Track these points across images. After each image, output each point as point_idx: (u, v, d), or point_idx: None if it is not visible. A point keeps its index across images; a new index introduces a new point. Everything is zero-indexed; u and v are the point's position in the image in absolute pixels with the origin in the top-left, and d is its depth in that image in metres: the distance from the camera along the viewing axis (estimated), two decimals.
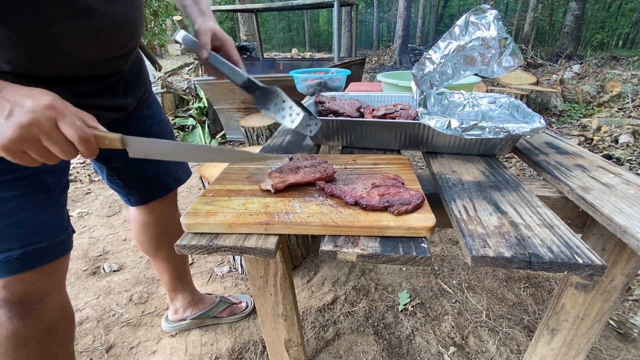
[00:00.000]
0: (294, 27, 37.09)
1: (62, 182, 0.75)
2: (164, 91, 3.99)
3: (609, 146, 3.01)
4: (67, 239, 0.76)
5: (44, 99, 0.49)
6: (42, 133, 0.48)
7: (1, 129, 0.47)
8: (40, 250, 0.69)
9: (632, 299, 1.41)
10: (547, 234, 0.50)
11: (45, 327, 0.77)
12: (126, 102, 0.82)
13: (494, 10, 0.81)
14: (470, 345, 1.24)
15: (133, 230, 1.12)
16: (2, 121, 0.47)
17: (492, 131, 0.74)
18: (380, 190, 0.59)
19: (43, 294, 0.75)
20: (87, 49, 0.64)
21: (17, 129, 0.47)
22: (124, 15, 0.67)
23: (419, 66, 0.92)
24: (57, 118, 0.49)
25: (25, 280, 0.70)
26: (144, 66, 0.91)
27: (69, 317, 0.85)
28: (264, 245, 0.52)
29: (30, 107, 0.47)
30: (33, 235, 0.68)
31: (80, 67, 0.66)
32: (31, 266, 0.69)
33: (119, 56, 0.73)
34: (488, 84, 4.59)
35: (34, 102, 0.48)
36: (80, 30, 0.61)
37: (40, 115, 0.48)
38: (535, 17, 13.55)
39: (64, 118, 0.50)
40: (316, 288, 1.55)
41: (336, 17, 3.65)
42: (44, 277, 0.73)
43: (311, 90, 1.35)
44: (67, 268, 0.81)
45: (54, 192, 0.72)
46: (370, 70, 9.81)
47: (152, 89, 0.97)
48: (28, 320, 0.73)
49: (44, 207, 0.69)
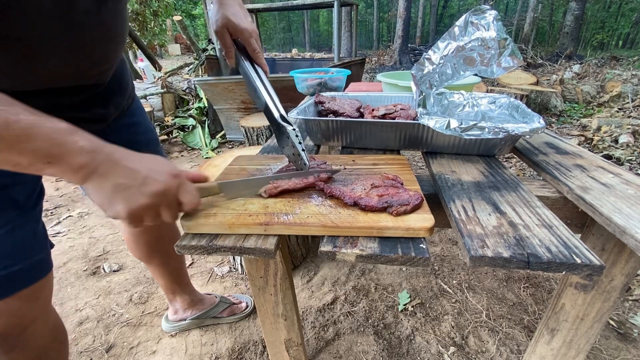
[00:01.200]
0: (294, 27, 37.09)
1: (35, 193, 0.67)
2: (164, 91, 3.99)
3: (608, 146, 3.01)
4: (45, 256, 0.69)
5: (169, 167, 0.51)
6: (166, 201, 0.50)
7: (135, 195, 0.48)
8: (14, 274, 0.62)
9: (632, 299, 1.41)
10: (546, 234, 0.50)
11: (34, 354, 0.72)
12: (106, 112, 0.74)
13: (494, 10, 0.81)
14: (470, 345, 1.24)
15: (124, 237, 1.08)
16: (135, 188, 0.48)
17: (491, 131, 0.74)
18: (379, 190, 0.59)
19: (26, 324, 0.68)
20: (67, 63, 0.59)
21: (149, 197, 0.48)
22: (106, 28, 0.62)
23: (418, 66, 0.92)
24: (180, 187, 0.52)
25: (2, 312, 0.63)
26: (126, 71, 0.82)
27: (60, 337, 0.80)
28: (264, 246, 0.52)
29: (163, 177, 0.49)
30: (4, 259, 0.61)
31: (59, 80, 0.61)
32: (6, 293, 0.62)
33: (102, 70, 0.67)
34: (488, 84, 4.59)
35: (163, 170, 0.50)
36: (60, 46, 0.56)
37: (169, 185, 0.50)
38: (535, 17, 13.54)
39: (185, 186, 0.52)
40: (316, 288, 1.55)
41: (336, 17, 3.66)
42: (26, 305, 0.67)
43: (311, 90, 1.35)
44: (51, 289, 0.74)
45: (25, 207, 0.64)
46: (370, 70, 9.81)
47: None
48: (15, 353, 0.68)
49: (14, 225, 0.62)
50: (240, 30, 0.69)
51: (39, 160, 0.43)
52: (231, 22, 0.68)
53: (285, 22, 35.75)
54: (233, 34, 0.70)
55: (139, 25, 7.39)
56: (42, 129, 0.42)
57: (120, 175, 0.47)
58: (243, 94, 3.21)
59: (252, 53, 0.71)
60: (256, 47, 0.71)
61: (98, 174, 0.46)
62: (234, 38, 0.71)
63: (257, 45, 0.71)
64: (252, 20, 0.73)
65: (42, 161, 0.43)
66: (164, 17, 8.35)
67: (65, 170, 0.45)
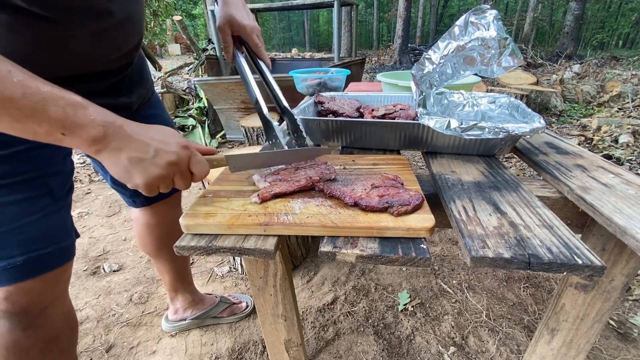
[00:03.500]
0: (294, 27, 37.09)
1: (67, 185, 0.73)
2: (164, 91, 3.99)
3: (609, 146, 3.01)
4: (72, 244, 0.74)
5: (179, 139, 0.54)
6: (178, 171, 0.54)
7: (149, 167, 0.51)
8: (45, 256, 0.67)
9: (632, 299, 1.41)
10: (547, 235, 0.50)
11: (48, 336, 0.75)
12: (130, 101, 0.80)
13: (494, 10, 0.80)
14: (470, 345, 1.24)
15: (136, 231, 1.11)
16: (149, 160, 0.51)
17: (491, 131, 0.74)
18: (379, 191, 0.59)
19: (46, 304, 0.72)
20: (92, 48, 0.63)
21: (163, 168, 0.51)
22: (128, 11, 0.66)
23: (418, 66, 0.92)
24: (191, 157, 0.55)
25: (28, 290, 0.67)
26: (146, 65, 0.90)
27: (72, 323, 0.83)
28: (263, 246, 0.52)
29: (173, 148, 0.52)
30: (37, 241, 0.66)
31: (85, 65, 0.65)
32: (35, 273, 0.66)
33: (124, 53, 0.72)
34: (488, 84, 4.59)
35: (173, 142, 0.53)
36: (88, 31, 0.60)
37: (180, 156, 0.53)
38: (535, 17, 13.55)
39: (195, 157, 0.55)
40: (316, 288, 1.55)
41: (336, 17, 3.66)
42: (48, 286, 0.71)
43: (311, 90, 1.35)
44: (70, 275, 0.78)
45: (58, 196, 0.69)
46: (370, 70, 9.80)
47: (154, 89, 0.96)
48: (30, 332, 0.71)
49: (48, 211, 0.67)
50: (243, 27, 0.74)
51: (56, 130, 0.45)
52: (234, 18, 0.73)
53: (285, 22, 35.75)
54: (235, 31, 0.74)
55: None
56: (58, 100, 0.45)
57: (134, 148, 0.50)
58: (243, 94, 3.20)
59: (255, 48, 0.76)
60: (258, 42, 0.76)
61: (111, 148, 0.49)
62: (235, 35, 0.75)
63: (259, 40, 0.76)
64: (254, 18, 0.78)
65: (58, 131, 0.46)
66: (164, 17, 8.36)
67: (80, 142, 0.47)
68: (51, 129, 0.45)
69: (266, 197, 0.61)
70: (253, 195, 0.61)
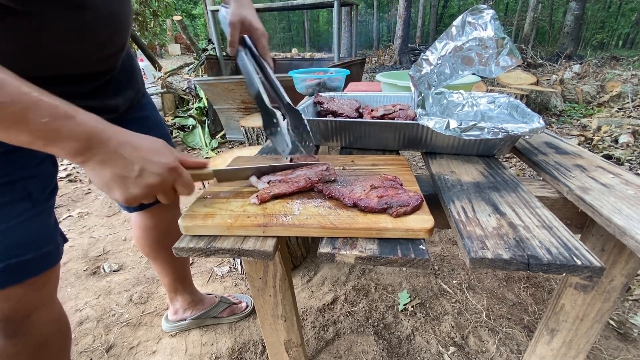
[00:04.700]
0: (294, 27, 37.08)
1: (48, 188, 0.69)
2: (164, 91, 3.99)
3: (608, 146, 3.01)
4: (55, 249, 0.71)
5: (167, 158, 0.53)
6: (161, 191, 0.54)
7: (130, 186, 0.51)
8: (25, 262, 0.64)
9: (632, 299, 1.41)
10: (546, 236, 0.50)
11: (36, 343, 0.73)
12: (116, 104, 0.78)
13: (491, 10, 0.80)
14: (470, 345, 1.24)
15: (134, 233, 1.11)
16: (131, 179, 0.50)
17: (491, 132, 0.74)
18: (378, 191, 0.59)
19: (30, 310, 0.70)
20: (73, 45, 0.60)
21: (145, 189, 0.51)
22: (111, 8, 0.64)
23: (416, 67, 0.92)
24: (176, 179, 0.54)
25: (9, 297, 0.65)
26: (136, 67, 0.87)
27: (62, 328, 0.81)
28: (262, 248, 0.52)
29: (158, 170, 0.52)
30: (15, 248, 0.63)
31: (65, 65, 0.62)
32: (15, 281, 0.64)
33: (108, 54, 0.70)
34: (488, 84, 4.58)
35: (160, 162, 0.52)
36: (67, 25, 0.57)
37: (165, 178, 0.53)
38: (535, 17, 13.53)
39: (181, 178, 0.55)
40: (316, 288, 1.55)
41: (336, 17, 3.66)
42: (31, 293, 0.69)
43: (310, 91, 1.34)
44: (57, 280, 0.77)
45: (39, 199, 0.66)
46: (370, 70, 9.80)
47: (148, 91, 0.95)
48: (16, 339, 0.69)
49: (27, 216, 0.64)
50: (255, 29, 0.77)
51: (38, 140, 0.44)
52: (248, 19, 0.76)
53: (285, 22, 35.72)
54: (246, 31, 0.77)
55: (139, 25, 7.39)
56: (41, 110, 0.43)
57: (119, 165, 0.49)
58: (243, 94, 3.20)
59: (262, 50, 0.79)
60: (265, 45, 0.79)
61: (96, 160, 0.49)
62: (243, 34, 0.77)
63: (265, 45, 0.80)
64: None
65: (40, 142, 0.45)
66: (164, 17, 8.36)
67: (63, 153, 0.47)
68: (32, 139, 0.44)
69: (265, 198, 0.61)
70: (252, 196, 0.61)
